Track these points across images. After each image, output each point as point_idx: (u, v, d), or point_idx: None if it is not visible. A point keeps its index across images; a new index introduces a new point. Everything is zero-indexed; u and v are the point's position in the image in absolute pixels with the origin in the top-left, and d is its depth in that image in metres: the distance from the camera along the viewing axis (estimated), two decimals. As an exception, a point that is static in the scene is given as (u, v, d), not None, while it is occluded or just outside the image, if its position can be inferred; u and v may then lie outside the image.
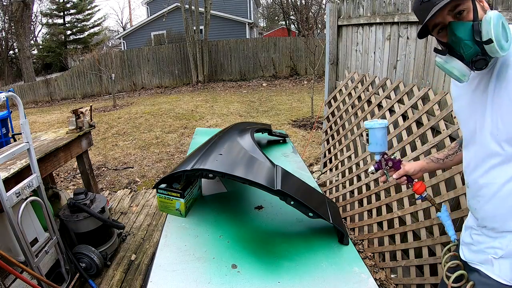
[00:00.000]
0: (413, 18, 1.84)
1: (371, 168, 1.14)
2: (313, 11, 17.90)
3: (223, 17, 14.69)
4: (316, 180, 1.40)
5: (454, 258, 1.00)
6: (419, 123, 1.87)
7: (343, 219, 2.21)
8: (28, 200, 1.60)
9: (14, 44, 18.76)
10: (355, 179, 2.51)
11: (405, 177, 1.08)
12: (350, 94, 2.70)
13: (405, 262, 1.88)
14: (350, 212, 2.49)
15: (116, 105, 9.11)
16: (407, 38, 1.97)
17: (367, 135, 1.11)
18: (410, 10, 1.90)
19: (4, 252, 1.44)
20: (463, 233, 0.96)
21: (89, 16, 22.60)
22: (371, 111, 2.35)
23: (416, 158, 1.80)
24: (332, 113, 2.98)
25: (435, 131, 1.75)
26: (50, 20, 21.65)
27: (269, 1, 25.31)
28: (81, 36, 22.24)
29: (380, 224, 2.18)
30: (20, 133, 1.61)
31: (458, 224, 1.49)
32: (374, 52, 2.36)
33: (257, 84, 11.36)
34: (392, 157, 1.09)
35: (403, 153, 1.99)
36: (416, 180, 1.10)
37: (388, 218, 2.06)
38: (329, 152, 3.04)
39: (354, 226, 2.42)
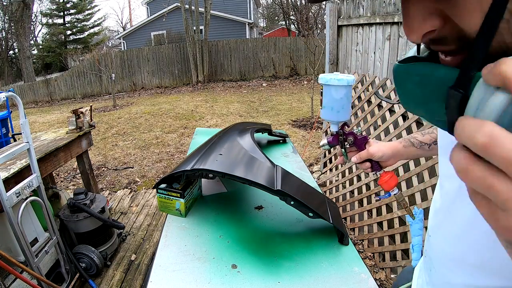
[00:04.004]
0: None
1: (323, 141, 0.84)
2: (313, 11, 17.89)
3: (223, 17, 14.69)
4: (316, 180, 1.40)
5: None
6: (419, 123, 1.87)
7: (343, 219, 2.21)
8: (28, 200, 1.60)
9: (14, 44, 18.76)
10: (355, 179, 2.51)
11: (368, 163, 0.78)
12: (350, 94, 2.70)
13: (405, 262, 1.88)
14: (350, 212, 2.49)
15: (116, 105, 9.11)
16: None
17: (321, 94, 0.79)
18: (410, 10, 1.90)
19: (4, 252, 1.44)
20: None
21: (89, 16, 22.61)
22: (371, 111, 2.35)
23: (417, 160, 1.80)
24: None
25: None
26: (50, 20, 21.65)
27: (269, 1, 25.32)
28: (81, 36, 22.24)
29: (380, 224, 2.18)
30: (20, 133, 1.61)
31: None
32: (374, 52, 2.36)
33: (257, 84, 11.36)
34: (355, 131, 0.79)
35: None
36: (385, 169, 0.79)
37: (388, 218, 2.06)
38: (329, 152, 3.04)
39: (354, 226, 2.42)
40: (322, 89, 0.78)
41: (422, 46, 0.37)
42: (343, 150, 0.81)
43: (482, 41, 0.24)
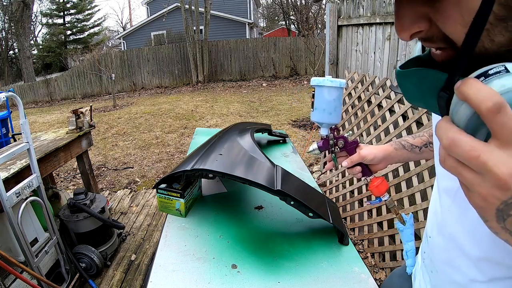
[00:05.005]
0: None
1: (313, 146, 0.81)
2: (313, 11, 17.90)
3: (223, 17, 14.69)
4: (316, 180, 1.40)
5: None
6: (419, 123, 1.87)
7: (343, 219, 2.21)
8: (28, 200, 1.60)
9: (14, 44, 18.77)
10: (355, 179, 2.51)
11: (359, 167, 0.77)
12: (350, 94, 2.70)
13: (405, 262, 1.88)
14: (350, 212, 2.49)
15: (116, 105, 9.11)
16: (407, 38, 1.97)
17: (313, 96, 0.77)
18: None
19: (4, 252, 1.44)
20: None
21: (89, 16, 22.62)
22: (371, 111, 2.35)
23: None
24: (332, 113, 2.98)
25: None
26: (50, 20, 21.67)
27: (269, 1, 25.32)
28: (81, 36, 22.25)
29: (380, 224, 2.18)
30: (20, 133, 1.61)
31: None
32: (374, 52, 2.36)
33: (257, 84, 11.36)
34: (346, 135, 0.78)
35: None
36: (375, 174, 0.78)
37: (388, 218, 2.06)
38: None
39: (354, 226, 2.42)
40: (313, 91, 0.78)
41: None
42: (333, 155, 0.79)
43: (466, 52, 0.28)
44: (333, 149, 0.78)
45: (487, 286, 0.46)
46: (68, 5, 21.33)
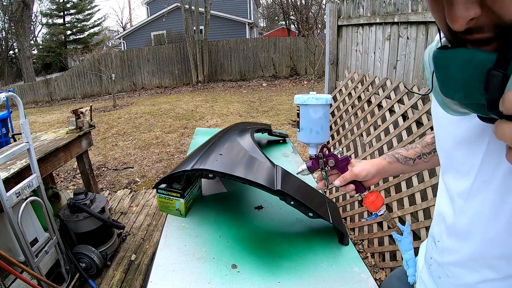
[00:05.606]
0: (413, 18, 1.84)
1: (302, 167, 0.78)
2: (313, 11, 17.91)
3: (223, 17, 14.70)
4: (316, 180, 1.40)
5: None
6: (419, 123, 1.87)
7: (343, 219, 2.21)
8: (28, 200, 1.60)
9: (14, 44, 18.77)
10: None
11: (352, 185, 0.73)
12: (350, 94, 2.70)
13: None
14: (350, 212, 2.49)
15: (116, 105, 9.11)
16: (407, 38, 1.97)
17: (298, 115, 0.73)
18: (410, 10, 1.90)
19: (4, 252, 1.44)
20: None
21: (89, 16, 22.62)
22: (371, 111, 2.35)
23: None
24: (332, 113, 2.98)
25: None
26: (50, 20, 21.66)
27: (269, 1, 25.32)
28: (81, 36, 22.25)
29: (380, 224, 2.18)
30: (20, 133, 1.61)
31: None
32: (374, 52, 2.36)
33: (257, 84, 11.36)
34: (336, 152, 0.74)
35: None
36: (369, 189, 0.74)
37: (388, 218, 2.06)
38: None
39: (354, 226, 2.42)
40: (298, 110, 0.74)
41: (443, 40, 0.40)
42: (323, 174, 0.75)
43: None
44: (323, 168, 0.75)
45: (501, 284, 0.46)
46: (68, 5, 21.32)
